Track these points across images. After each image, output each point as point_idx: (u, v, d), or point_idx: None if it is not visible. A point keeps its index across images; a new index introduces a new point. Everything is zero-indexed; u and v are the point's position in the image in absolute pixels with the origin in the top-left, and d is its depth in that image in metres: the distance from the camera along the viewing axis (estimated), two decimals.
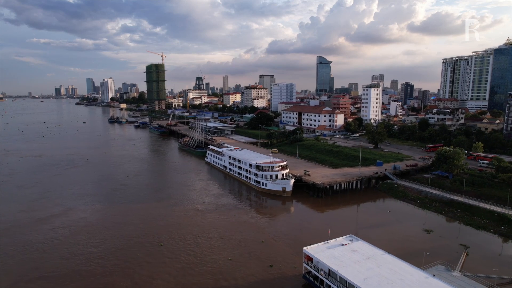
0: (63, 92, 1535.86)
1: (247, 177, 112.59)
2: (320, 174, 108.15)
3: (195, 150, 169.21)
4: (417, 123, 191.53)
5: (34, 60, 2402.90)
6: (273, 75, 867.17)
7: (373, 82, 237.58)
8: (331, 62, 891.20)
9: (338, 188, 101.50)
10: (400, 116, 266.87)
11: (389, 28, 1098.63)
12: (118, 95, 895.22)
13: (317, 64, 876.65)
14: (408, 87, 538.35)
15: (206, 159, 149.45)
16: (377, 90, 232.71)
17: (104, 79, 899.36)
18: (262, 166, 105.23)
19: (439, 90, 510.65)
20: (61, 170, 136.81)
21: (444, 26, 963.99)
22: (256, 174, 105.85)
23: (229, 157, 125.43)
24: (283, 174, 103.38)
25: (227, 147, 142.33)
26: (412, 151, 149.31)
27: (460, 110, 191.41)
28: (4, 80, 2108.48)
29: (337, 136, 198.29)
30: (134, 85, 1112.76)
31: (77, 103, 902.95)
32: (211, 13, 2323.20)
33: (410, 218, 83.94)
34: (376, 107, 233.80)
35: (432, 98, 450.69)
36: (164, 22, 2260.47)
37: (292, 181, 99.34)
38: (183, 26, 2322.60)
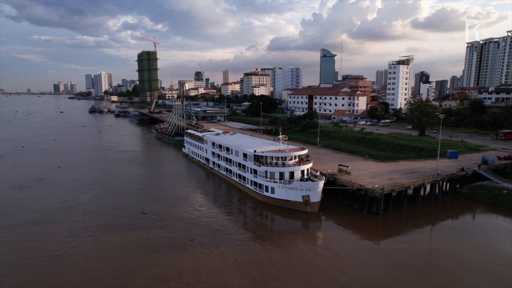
0: (61, 88, 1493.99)
1: (239, 176, 67.57)
2: (367, 172, 62.93)
3: (173, 138, 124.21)
4: (468, 105, 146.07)
5: (35, 57, 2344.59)
6: (274, 69, 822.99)
7: (401, 58, 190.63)
8: (335, 55, 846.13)
9: (402, 196, 56.49)
10: (433, 101, 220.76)
11: (393, 24, 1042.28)
12: (111, 89, 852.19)
13: (320, 57, 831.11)
14: (423, 77, 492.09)
15: (183, 149, 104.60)
16: (407, 68, 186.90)
17: (98, 72, 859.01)
18: (265, 156, 60.21)
19: (459, 78, 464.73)
20: None
21: (448, 22, 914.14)
22: (255, 171, 60.90)
23: (213, 144, 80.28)
24: (303, 171, 58.24)
25: (213, 131, 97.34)
26: (477, 139, 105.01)
27: None
28: (4, 77, 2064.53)
29: (361, 123, 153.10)
30: (133, 81, 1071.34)
31: (70, 97, 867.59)
32: (213, 9, 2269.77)
33: None
34: (406, 89, 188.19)
35: (446, 92, 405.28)
36: (165, 18, 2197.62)
37: (321, 184, 54.01)
38: (184, 22, 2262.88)
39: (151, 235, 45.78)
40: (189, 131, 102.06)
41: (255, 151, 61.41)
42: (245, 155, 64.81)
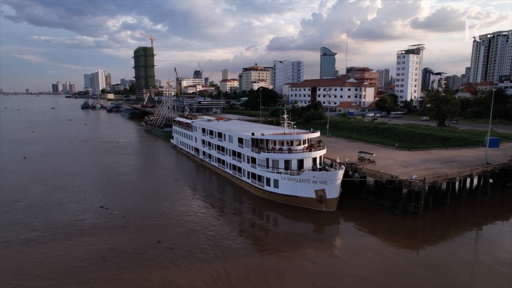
0: (60, 88, 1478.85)
1: (234, 167, 54.62)
2: (394, 161, 49.99)
3: (162, 130, 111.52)
4: (489, 95, 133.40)
5: (34, 57, 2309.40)
6: (274, 64, 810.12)
7: (411, 47, 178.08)
8: (335, 54, 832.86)
9: (441, 191, 43.75)
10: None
11: (393, 24, 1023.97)
12: (109, 87, 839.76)
13: (321, 56, 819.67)
14: (428, 73, 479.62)
15: (171, 140, 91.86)
16: (417, 58, 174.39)
17: (95, 70, 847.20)
18: (267, 140, 47.41)
19: (463, 75, 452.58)
20: None
21: (448, 22, 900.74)
22: (253, 160, 48.04)
23: (203, 130, 67.40)
24: (315, 159, 45.42)
25: (203, 118, 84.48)
26: (505, 129, 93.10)
27: None
28: (3, 78, 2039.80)
29: (370, 115, 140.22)
30: (132, 81, 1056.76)
31: (67, 96, 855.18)
32: (213, 9, 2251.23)
33: None
34: (416, 80, 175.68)
35: (452, 88, 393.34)
36: (165, 19, 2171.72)
37: (340, 173, 41.23)
38: (184, 23, 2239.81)
39: (104, 236, 33.34)
40: (177, 119, 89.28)
41: (253, 134, 48.51)
42: (240, 141, 51.92)
